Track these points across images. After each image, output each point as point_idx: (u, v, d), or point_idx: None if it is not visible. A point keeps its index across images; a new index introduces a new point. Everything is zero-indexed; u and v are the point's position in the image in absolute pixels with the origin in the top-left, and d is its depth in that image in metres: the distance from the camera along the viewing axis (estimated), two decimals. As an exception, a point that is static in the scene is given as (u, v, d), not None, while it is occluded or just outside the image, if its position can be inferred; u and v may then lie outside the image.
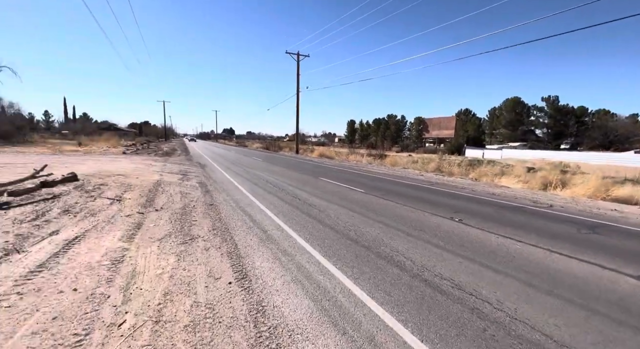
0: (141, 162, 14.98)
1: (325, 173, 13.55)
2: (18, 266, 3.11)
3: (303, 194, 7.96)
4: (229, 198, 7.20)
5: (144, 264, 3.35)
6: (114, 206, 5.88)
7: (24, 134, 31.56)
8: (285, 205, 6.57)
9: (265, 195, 7.67)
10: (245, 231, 4.73)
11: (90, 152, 20.20)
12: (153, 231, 4.52)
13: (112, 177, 9.43)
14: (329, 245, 4.15)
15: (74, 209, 5.43)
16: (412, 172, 16.54)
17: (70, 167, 11.28)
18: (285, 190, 8.47)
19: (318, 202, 6.96)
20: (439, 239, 4.49)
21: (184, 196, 7.24)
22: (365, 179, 11.96)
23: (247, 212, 5.92)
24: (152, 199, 6.67)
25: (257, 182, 9.81)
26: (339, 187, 9.44)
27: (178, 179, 9.84)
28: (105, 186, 7.76)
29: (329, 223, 5.23)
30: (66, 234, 4.13)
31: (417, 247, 4.15)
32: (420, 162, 23.84)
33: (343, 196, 7.90)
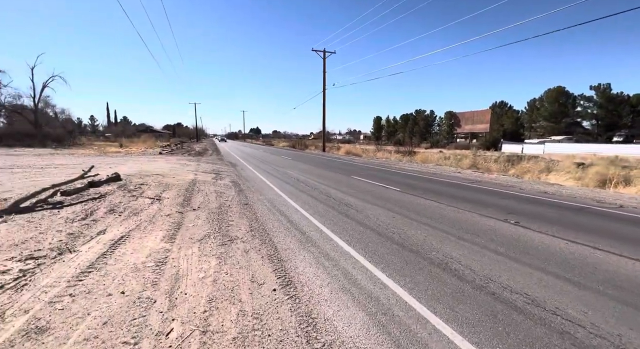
0: (176, 162, 15.58)
1: (356, 171, 13.19)
2: (70, 265, 3.16)
3: (337, 193, 7.71)
4: (263, 198, 7.13)
5: (186, 267, 3.28)
6: (154, 206, 6.02)
7: (73, 137, 34.39)
8: (320, 205, 6.36)
9: (298, 194, 7.51)
10: (283, 232, 4.57)
11: (130, 153, 21.47)
12: (192, 231, 4.50)
13: (151, 176, 9.81)
14: (374, 249, 3.85)
15: (118, 209, 5.61)
16: (447, 169, 15.65)
17: (113, 167, 11.96)
18: (318, 189, 8.26)
19: (354, 201, 6.67)
20: (498, 245, 4.02)
21: (219, 195, 7.28)
22: (398, 176, 11.45)
23: (283, 212, 5.78)
24: (189, 199, 6.77)
25: (289, 181, 9.71)
26: (373, 185, 9.06)
27: (212, 179, 10.01)
28: (145, 186, 8.04)
29: (369, 225, 4.93)
30: (112, 234, 4.22)
31: (474, 253, 3.73)
32: (452, 158, 22.65)
33: (379, 195, 7.53)
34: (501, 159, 22.05)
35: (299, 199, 6.95)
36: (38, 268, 3.06)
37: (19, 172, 10.46)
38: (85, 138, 42.08)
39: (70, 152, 21.45)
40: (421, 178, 11.20)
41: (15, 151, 21.53)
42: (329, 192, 7.83)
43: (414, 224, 4.99)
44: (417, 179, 10.96)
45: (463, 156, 24.54)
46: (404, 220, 5.22)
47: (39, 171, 10.91)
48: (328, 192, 7.75)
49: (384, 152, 28.52)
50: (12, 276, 2.86)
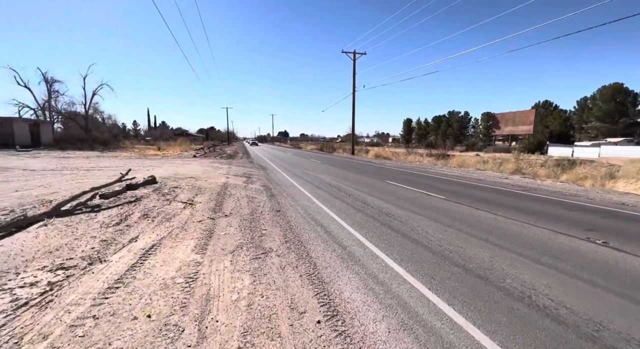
0: (209, 164, 15.86)
1: (390, 175, 12.46)
2: (98, 279, 2.94)
3: (374, 200, 7.12)
4: (296, 204, 6.75)
5: (217, 285, 2.92)
6: (186, 211, 5.86)
7: (118, 141, 36.99)
8: (358, 213, 5.83)
9: (332, 201, 7.04)
10: (321, 245, 4.11)
11: (166, 156, 22.42)
12: (224, 241, 4.19)
13: (184, 179, 9.89)
14: (431, 272, 3.25)
15: (152, 214, 5.51)
16: (491, 174, 14.34)
17: (150, 170, 12.34)
18: (353, 195, 7.73)
19: (395, 210, 6.05)
20: (591, 274, 3.22)
21: (251, 200, 7.03)
22: (437, 182, 10.56)
23: (318, 221, 5.33)
24: (221, 204, 6.57)
25: (320, 186, 9.28)
26: (412, 192, 8.34)
27: (243, 182, 9.88)
28: (178, 189, 8.03)
29: (418, 239, 4.31)
30: (143, 242, 4.03)
31: (563, 284, 2.99)
32: (491, 162, 20.96)
33: (421, 203, 6.83)
34: (549, 164, 20.01)
35: (334, 206, 6.48)
36: (66, 281, 2.87)
37: (68, 174, 11.10)
38: (128, 142, 45.20)
39: (114, 154, 22.89)
40: (464, 184, 10.23)
41: (67, 153, 23.43)
42: (364, 199, 7.27)
43: (472, 240, 4.28)
44: (459, 185, 10.01)
45: (504, 160, 22.66)
46: (458, 235, 4.52)
47: (85, 173, 11.52)
48: (364, 199, 7.19)
49: (415, 155, 27.21)
50: (40, 290, 2.68)
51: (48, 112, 35.66)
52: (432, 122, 70.81)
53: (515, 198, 7.69)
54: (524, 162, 20.94)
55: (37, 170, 12.09)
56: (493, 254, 3.75)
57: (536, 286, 2.92)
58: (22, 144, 27.84)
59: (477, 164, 20.29)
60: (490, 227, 4.91)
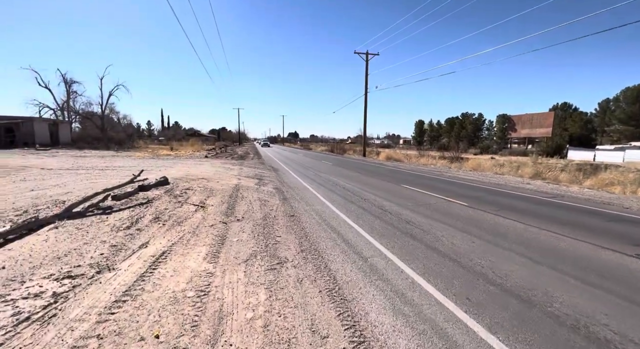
0: (220, 165, 15.83)
1: (405, 179, 12.07)
2: (106, 290, 2.75)
3: (391, 205, 6.80)
4: (309, 208, 6.50)
5: (231, 300, 2.69)
6: (198, 214, 5.70)
7: (132, 141, 37.73)
8: (375, 220, 5.52)
9: (347, 206, 6.75)
10: (340, 256, 3.83)
11: (179, 156, 22.60)
12: (237, 249, 3.98)
13: (196, 181, 9.79)
14: (464, 291, 2.93)
15: (163, 216, 5.36)
16: (511, 178, 13.74)
17: (162, 170, 12.35)
18: (369, 200, 7.42)
19: (415, 217, 5.72)
20: (649, 298, 2.83)
21: (263, 203, 6.82)
22: (455, 186, 10.13)
23: (334, 227, 5.06)
24: (233, 207, 6.39)
25: (334, 189, 9.01)
26: (431, 197, 7.96)
27: (255, 184, 9.71)
28: (190, 191, 7.91)
29: (444, 251, 3.98)
30: (154, 248, 3.85)
31: (622, 311, 2.62)
32: (507, 166, 20.18)
33: (442, 209, 6.47)
34: (570, 168, 19.14)
35: (350, 211, 6.19)
36: (72, 291, 2.69)
37: (83, 173, 11.21)
38: (142, 141, 46.12)
39: (128, 154, 23.25)
40: (484, 189, 9.76)
41: (84, 152, 23.96)
42: (381, 204, 6.95)
43: (505, 254, 3.92)
44: (479, 190, 9.55)
45: (521, 164, 21.85)
46: (488, 247, 4.17)
47: (99, 172, 11.61)
48: (381, 205, 6.87)
49: (428, 157, 26.56)
50: (44, 302, 2.50)
51: (67, 112, 36.72)
52: (444, 124, 69.50)
53: (544, 206, 7.22)
54: (542, 166, 20.11)
55: (53, 169, 12.27)
56: (532, 271, 3.39)
57: (590, 313, 2.56)
58: (41, 143, 28.71)
59: (494, 168, 19.56)
60: (522, 239, 4.53)
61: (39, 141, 29.18)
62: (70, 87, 35.89)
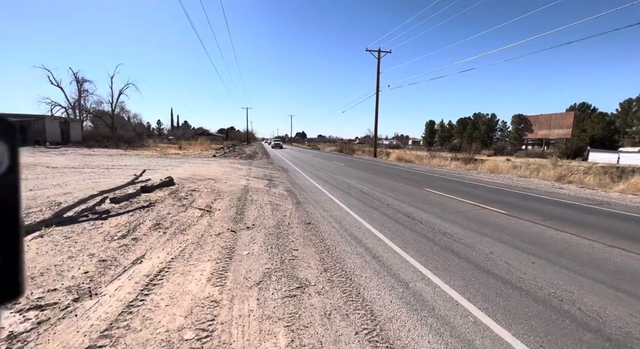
0: (229, 165, 15.29)
1: (424, 181, 11.28)
2: (80, 328, 2.12)
3: (419, 213, 6.06)
4: (327, 214, 5.81)
5: (242, 346, 2.02)
6: (203, 220, 5.08)
7: (141, 140, 37.75)
8: (406, 231, 4.80)
9: (369, 212, 6.05)
10: (374, 279, 3.13)
11: (187, 155, 22.23)
12: (248, 266, 3.32)
13: (203, 181, 9.23)
14: (557, 340, 2.19)
15: (165, 223, 4.75)
16: (538, 182, 12.78)
17: (169, 170, 11.85)
18: (391, 205, 6.69)
19: (451, 228, 4.97)
20: None
21: (275, 208, 6.17)
22: (483, 191, 9.30)
23: (359, 239, 4.36)
24: (242, 212, 5.76)
25: (351, 192, 8.30)
26: (461, 203, 7.18)
27: (265, 186, 9.08)
28: (196, 192, 7.32)
29: (502, 275, 3.24)
30: (150, 264, 3.22)
31: None
32: (524, 168, 19.09)
33: (479, 219, 5.69)
34: (594, 171, 17.94)
35: (373, 219, 5.48)
36: (35, 331, 2.06)
37: (87, 172, 10.78)
38: (152, 140, 46.27)
39: (136, 153, 23.01)
40: (516, 194, 8.90)
41: (93, 151, 23.84)
42: (407, 211, 6.22)
43: (583, 281, 3.15)
44: (511, 195, 8.71)
45: (540, 166, 20.74)
46: (555, 270, 3.40)
47: (104, 171, 11.18)
48: (407, 211, 6.14)
49: (440, 159, 25.53)
50: (-7, 348, 1.88)
51: (78, 111, 36.97)
52: (456, 125, 67.89)
53: (593, 215, 6.35)
54: (563, 168, 18.98)
55: (59, 167, 11.92)
56: (631, 309, 2.62)
57: None
58: (52, 142, 28.83)
59: (513, 170, 18.47)
60: (594, 260, 3.74)
61: (50, 139, 29.33)
62: (82, 85, 36.15)
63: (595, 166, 23.73)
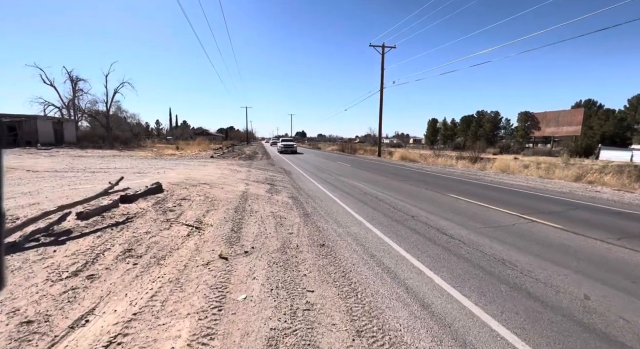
0: (227, 167, 14.22)
1: (443, 184, 10.20)
2: None
3: (457, 228, 4.98)
4: (343, 231, 4.74)
5: None
6: (190, 241, 4.02)
7: (138, 140, 36.70)
8: (451, 257, 3.72)
9: (395, 228, 4.97)
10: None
11: (183, 156, 21.16)
12: (244, 324, 2.25)
13: (197, 187, 8.16)
14: None
15: (139, 248, 3.68)
16: (568, 184, 11.69)
17: (161, 174, 10.79)
18: (418, 218, 5.61)
19: (507, 253, 3.89)
20: None
21: (279, 222, 5.11)
22: (514, 196, 8.22)
23: (395, 273, 3.29)
24: (239, 228, 4.69)
25: (365, 200, 7.23)
26: (500, 213, 6.10)
27: (266, 192, 8.02)
28: (187, 202, 6.26)
29: (618, 338, 2.17)
30: (97, 328, 2.15)
31: None
32: (534, 167, 17.99)
33: (535, 237, 4.60)
34: (611, 170, 16.82)
35: (402, 238, 4.41)
36: None
37: (69, 177, 9.73)
38: (149, 141, 45.20)
39: (131, 154, 21.95)
40: (555, 201, 7.83)
41: (86, 152, 22.78)
42: (440, 225, 5.14)
43: None
44: (549, 201, 7.63)
45: (551, 165, 19.67)
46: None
47: (89, 176, 10.12)
48: (440, 226, 5.06)
49: (446, 158, 24.36)
50: None
51: (72, 111, 35.89)
52: (459, 123, 66.70)
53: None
54: (577, 167, 17.90)
55: (40, 171, 10.86)
56: None
57: None
58: (45, 143, 27.77)
59: (525, 170, 17.30)
60: None
61: (43, 140, 28.27)
62: (76, 84, 35.05)
63: (610, 165, 22.63)
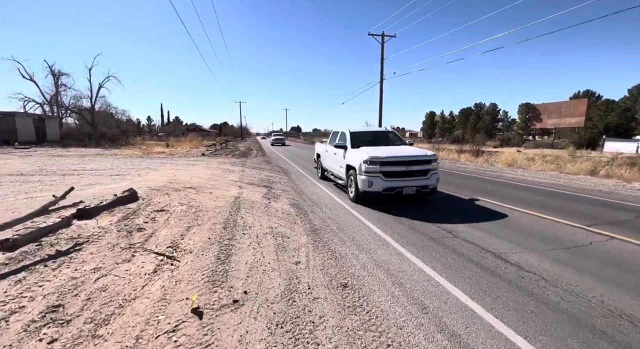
0: (218, 166, 12.91)
1: (464, 184, 9.05)
2: None
3: (517, 251, 3.81)
4: (367, 259, 3.55)
5: None
6: (156, 284, 2.79)
7: (127, 137, 34.97)
8: (546, 313, 2.55)
9: (435, 251, 3.79)
10: None
11: (173, 154, 19.74)
12: None
13: (181, 192, 6.88)
14: None
15: (72, 304, 2.44)
16: (604, 181, 10.62)
17: (142, 175, 9.47)
18: (456, 233, 4.43)
19: (615, 299, 2.74)
20: None
21: (280, 244, 3.90)
22: (551, 198, 7.11)
23: (470, 347, 2.10)
24: (228, 256, 3.48)
25: (384, 209, 6.03)
26: (556, 225, 4.95)
27: (262, 197, 6.78)
28: (164, 214, 5.00)
29: None
30: None
31: None
32: (541, 160, 16.96)
33: (628, 265, 3.47)
34: (621, 162, 15.88)
35: (452, 270, 3.23)
36: None
37: (33, 181, 8.36)
38: (140, 138, 43.36)
39: (116, 152, 20.45)
40: (608, 204, 6.72)
41: (67, 151, 21.20)
42: (491, 246, 3.97)
43: None
44: (602, 205, 6.52)
45: (556, 157, 18.71)
46: None
47: (57, 179, 8.76)
48: (494, 248, 3.89)
49: (445, 151, 23.16)
50: None
51: (55, 107, 33.96)
52: (458, 115, 65.69)
53: None
54: (585, 160, 16.94)
55: (2, 174, 9.47)
56: None
57: None
58: (25, 141, 26.01)
59: (535, 164, 16.15)
60: None
61: (23, 138, 26.50)
62: (59, 79, 33.07)
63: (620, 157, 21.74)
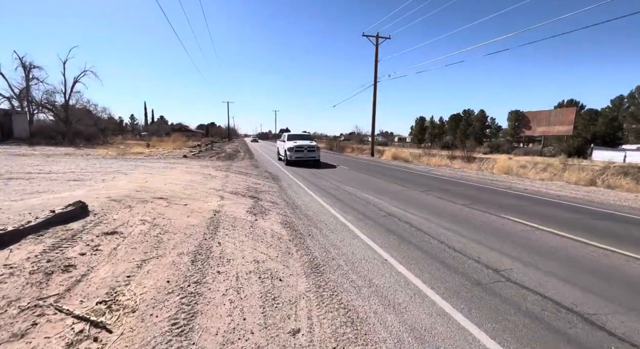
0: (199, 170, 11.57)
1: (478, 197, 8.13)
2: None
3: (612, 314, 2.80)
4: (398, 322, 2.44)
5: None
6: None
7: (105, 136, 32.78)
8: None
9: (494, 307, 2.72)
10: None
11: (151, 155, 18.15)
12: None
13: (148, 204, 5.59)
14: None
15: None
16: (619, 193, 9.95)
17: (109, 180, 8.06)
18: (513, 278, 3.39)
19: None
20: None
21: (269, 292, 2.74)
22: (584, 216, 6.24)
23: None
24: (191, 314, 2.30)
25: (396, 229, 4.96)
26: (622, 259, 4.01)
27: (247, 212, 5.59)
28: (114, 239, 3.73)
29: None
30: None
31: None
32: (531, 168, 16.56)
33: None
34: (611, 171, 15.58)
35: (503, 330, 2.16)
36: None
37: (-34, 187, 6.83)
38: (120, 137, 41.00)
39: (88, 152, 18.66)
40: (623, 220, 5.89)
41: (34, 149, 19.22)
42: (566, 299, 2.95)
43: None
44: (617, 221, 5.67)
45: (549, 165, 18.43)
46: None
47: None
48: (568, 305, 2.86)
49: (438, 157, 22.59)
50: None
51: (26, 102, 31.43)
52: (448, 121, 66.09)
53: None
54: (578, 169, 16.64)
55: None
56: None
57: None
58: (-13, 138, 23.67)
59: (530, 173, 15.66)
60: None
61: (-15, 134, 24.12)
62: (30, 72, 30.60)
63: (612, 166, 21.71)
